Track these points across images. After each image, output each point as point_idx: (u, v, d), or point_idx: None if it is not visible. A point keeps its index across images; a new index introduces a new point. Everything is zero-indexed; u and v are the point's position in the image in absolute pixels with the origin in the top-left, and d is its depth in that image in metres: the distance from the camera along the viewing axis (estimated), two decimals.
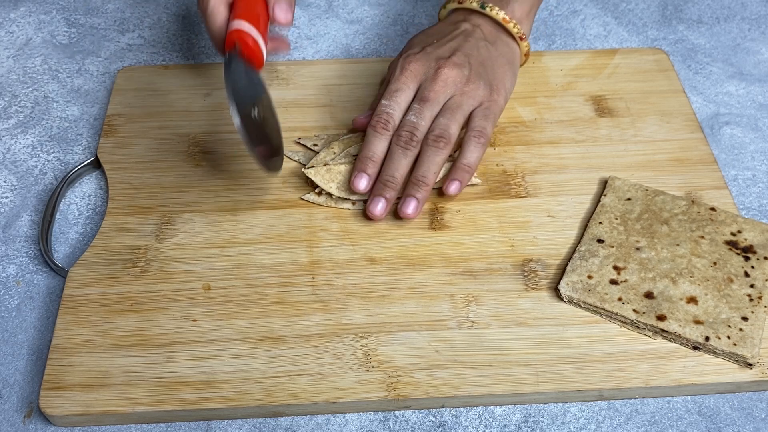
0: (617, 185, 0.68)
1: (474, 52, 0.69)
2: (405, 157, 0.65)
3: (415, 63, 0.67)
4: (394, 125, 0.66)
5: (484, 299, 0.62)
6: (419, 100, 0.66)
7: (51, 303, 0.64)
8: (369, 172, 0.66)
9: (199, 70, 0.80)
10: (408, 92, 0.67)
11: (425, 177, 0.65)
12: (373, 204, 0.66)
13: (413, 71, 0.67)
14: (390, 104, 0.66)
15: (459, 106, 0.66)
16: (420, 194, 0.65)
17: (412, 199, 0.65)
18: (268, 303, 0.62)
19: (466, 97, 0.67)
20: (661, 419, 0.58)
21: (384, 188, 0.65)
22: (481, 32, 0.70)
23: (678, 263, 0.62)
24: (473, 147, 0.66)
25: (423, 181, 0.65)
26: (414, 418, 0.58)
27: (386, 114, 0.66)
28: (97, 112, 0.78)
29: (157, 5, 0.90)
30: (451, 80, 0.66)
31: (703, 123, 0.78)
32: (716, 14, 0.90)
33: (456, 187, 0.66)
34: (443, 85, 0.66)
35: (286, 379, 0.57)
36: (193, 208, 0.68)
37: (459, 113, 0.66)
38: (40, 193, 0.72)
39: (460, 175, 0.66)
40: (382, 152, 0.66)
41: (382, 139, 0.66)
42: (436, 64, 0.67)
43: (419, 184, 0.65)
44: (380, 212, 0.66)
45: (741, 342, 0.58)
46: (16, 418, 0.58)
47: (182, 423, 0.57)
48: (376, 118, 0.66)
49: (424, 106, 0.66)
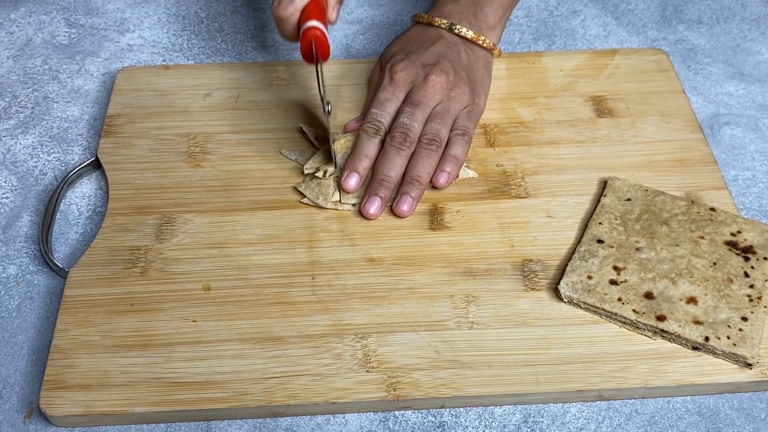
0: (617, 185, 0.68)
1: (456, 57, 0.72)
2: (399, 157, 0.67)
3: (402, 72, 0.70)
4: (384, 130, 0.68)
5: (484, 300, 0.62)
6: (411, 104, 0.69)
7: (51, 303, 0.64)
8: (360, 170, 0.67)
9: (199, 70, 0.80)
10: (396, 101, 0.70)
11: (420, 176, 0.67)
12: (369, 203, 0.67)
13: (401, 80, 0.70)
14: (380, 113, 0.69)
15: (447, 111, 0.70)
16: (415, 193, 0.67)
17: (407, 197, 0.67)
18: (268, 303, 0.62)
19: (453, 102, 0.70)
20: (660, 419, 0.58)
21: (379, 187, 0.67)
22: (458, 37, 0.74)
23: (678, 263, 0.62)
24: (458, 143, 0.69)
25: (418, 180, 0.67)
26: (414, 418, 0.58)
27: (377, 121, 0.68)
28: (97, 113, 0.78)
29: (157, 5, 0.90)
30: (438, 86, 0.69)
31: (703, 123, 0.78)
32: (716, 15, 0.90)
33: (445, 178, 0.68)
34: (432, 91, 0.69)
35: (286, 380, 0.57)
36: (193, 208, 0.68)
37: (448, 117, 0.69)
38: (41, 193, 0.72)
39: (448, 166, 0.68)
40: (373, 154, 0.68)
41: (373, 142, 0.68)
42: (423, 71, 0.70)
43: (414, 183, 0.67)
44: (376, 211, 0.67)
45: (741, 342, 0.58)
46: (17, 418, 0.58)
47: (182, 423, 0.57)
48: (368, 124, 0.69)
49: (416, 110, 0.68)
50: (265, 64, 0.81)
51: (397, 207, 0.67)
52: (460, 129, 0.70)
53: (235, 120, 0.75)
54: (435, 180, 0.68)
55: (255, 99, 0.77)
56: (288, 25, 0.64)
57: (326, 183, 0.68)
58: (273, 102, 0.77)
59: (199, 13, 0.89)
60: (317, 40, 0.63)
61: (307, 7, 0.63)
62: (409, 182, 0.67)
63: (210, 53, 0.85)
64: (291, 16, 0.63)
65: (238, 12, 0.89)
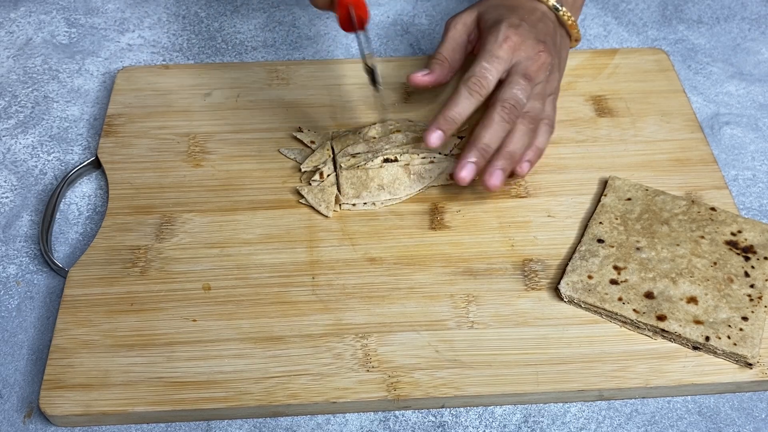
0: (617, 185, 0.68)
1: (556, 40, 0.70)
2: (503, 130, 0.64)
3: (520, 36, 0.66)
4: (488, 90, 0.65)
5: (484, 299, 0.62)
6: (524, 77, 0.65)
7: (51, 303, 0.64)
8: (447, 131, 0.64)
9: (199, 70, 0.80)
10: (506, 63, 0.66)
11: (515, 153, 0.65)
12: (464, 169, 0.64)
13: (517, 44, 0.66)
14: (489, 68, 0.65)
15: (545, 93, 0.68)
16: (508, 168, 0.65)
17: (500, 171, 0.64)
18: (268, 303, 0.62)
19: (548, 85, 0.68)
20: (661, 419, 0.58)
21: (479, 155, 0.64)
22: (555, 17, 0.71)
23: (678, 263, 0.62)
24: (544, 132, 0.68)
25: (513, 157, 0.65)
26: (414, 418, 0.58)
27: (484, 78, 0.64)
28: (97, 112, 0.78)
29: (157, 5, 0.90)
30: (547, 66, 0.67)
31: (703, 123, 0.78)
32: (716, 14, 0.90)
33: (527, 167, 0.67)
34: (543, 69, 0.67)
35: (286, 379, 0.57)
36: (193, 208, 0.68)
37: (546, 100, 0.68)
38: (41, 193, 0.72)
39: (532, 156, 0.67)
40: (468, 114, 0.64)
41: (472, 101, 0.64)
42: (537, 46, 0.66)
43: (509, 158, 0.65)
44: (469, 177, 0.64)
45: (741, 342, 0.58)
46: (16, 418, 0.58)
47: (182, 423, 0.57)
48: (474, 79, 0.64)
49: (528, 85, 0.65)
50: (265, 64, 0.81)
51: (489, 179, 0.64)
52: (548, 118, 0.68)
53: (235, 120, 0.75)
54: (519, 168, 0.66)
55: (255, 99, 0.77)
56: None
57: (329, 190, 0.68)
58: (273, 102, 0.77)
59: (199, 13, 0.89)
60: (356, 3, 0.61)
61: None
62: (505, 156, 0.64)
63: (210, 53, 0.85)
64: None
65: (238, 12, 0.89)
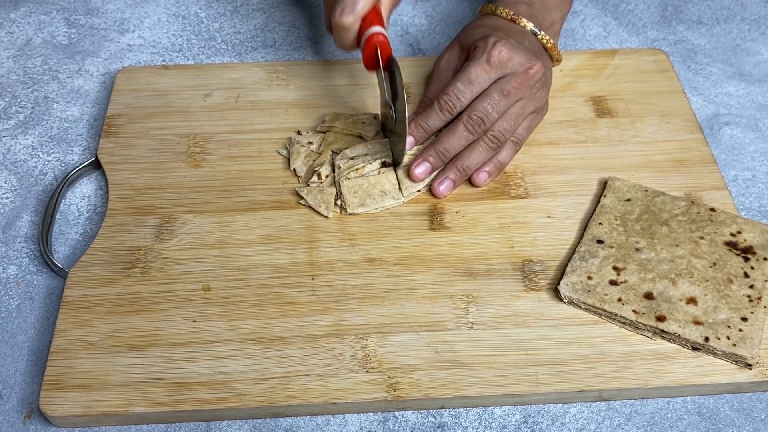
0: (617, 186, 0.68)
1: (542, 59, 0.69)
2: (465, 140, 0.67)
3: (505, 53, 0.65)
4: (459, 111, 0.66)
5: (484, 300, 0.62)
6: (501, 93, 0.66)
7: (51, 304, 0.64)
8: (417, 138, 0.68)
9: (199, 70, 0.80)
10: (486, 83, 0.66)
11: (469, 167, 0.68)
12: (419, 166, 0.67)
13: (501, 61, 0.66)
14: (464, 90, 0.66)
15: (523, 113, 0.68)
16: (457, 180, 0.68)
17: (448, 180, 0.68)
18: (268, 304, 0.62)
19: (531, 103, 0.68)
20: (660, 420, 0.58)
21: (436, 156, 0.67)
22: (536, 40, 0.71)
23: (678, 264, 0.62)
24: (508, 149, 0.69)
25: (465, 170, 0.68)
26: (414, 418, 0.58)
27: (457, 99, 0.66)
28: (97, 113, 0.78)
29: (157, 5, 0.90)
30: (533, 83, 0.67)
31: (703, 123, 0.78)
32: (716, 15, 0.90)
33: (484, 178, 0.69)
34: (527, 86, 0.67)
35: (286, 380, 0.57)
36: (192, 208, 0.68)
37: (520, 119, 0.68)
38: (40, 193, 0.72)
39: (491, 168, 0.69)
40: (436, 129, 0.68)
41: (440, 118, 0.67)
42: (527, 62, 0.66)
43: (461, 171, 0.68)
44: (423, 174, 0.67)
45: (740, 342, 0.58)
46: (16, 418, 0.58)
47: (182, 424, 0.57)
48: (445, 98, 0.66)
49: (503, 101, 0.66)
50: (265, 64, 0.81)
51: (438, 187, 0.68)
52: (516, 136, 0.69)
53: (235, 120, 0.75)
54: (475, 177, 0.68)
55: (255, 99, 0.77)
56: (350, 33, 0.64)
57: (328, 191, 0.68)
58: (273, 102, 0.77)
59: (199, 13, 0.89)
60: (382, 45, 0.63)
61: (367, 14, 0.64)
62: (457, 168, 0.67)
63: (210, 53, 0.85)
64: (353, 24, 0.63)
65: (238, 12, 0.89)
